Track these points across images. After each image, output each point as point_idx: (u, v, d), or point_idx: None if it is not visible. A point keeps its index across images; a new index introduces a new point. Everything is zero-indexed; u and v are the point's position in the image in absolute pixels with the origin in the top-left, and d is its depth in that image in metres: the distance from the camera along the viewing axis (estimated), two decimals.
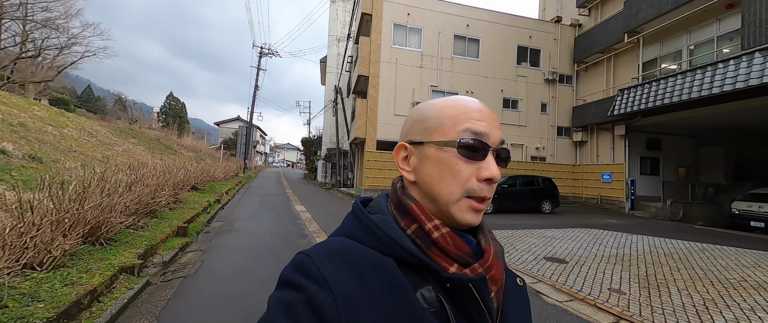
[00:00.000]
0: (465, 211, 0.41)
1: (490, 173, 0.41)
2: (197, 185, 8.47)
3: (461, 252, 0.41)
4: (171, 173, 6.18)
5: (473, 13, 13.80)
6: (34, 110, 9.25)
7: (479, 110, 0.44)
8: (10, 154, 5.45)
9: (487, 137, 0.42)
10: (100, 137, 11.28)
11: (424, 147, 0.44)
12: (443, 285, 0.39)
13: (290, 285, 0.36)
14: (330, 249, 0.38)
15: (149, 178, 4.69)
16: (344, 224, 0.45)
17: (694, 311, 2.90)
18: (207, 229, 5.41)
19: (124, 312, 2.46)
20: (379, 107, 12.48)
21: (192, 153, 20.66)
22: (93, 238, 3.07)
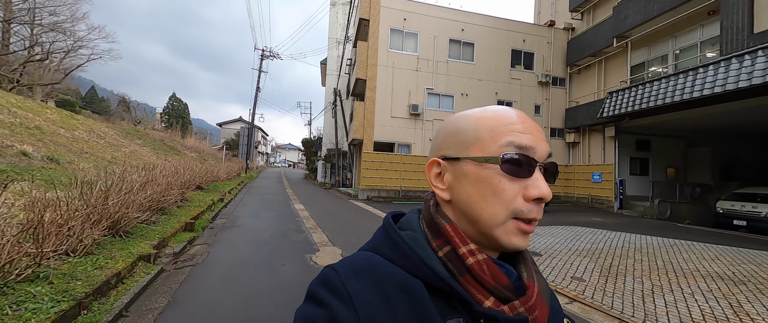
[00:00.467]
0: (512, 234, 0.38)
1: (539, 192, 0.37)
2: (202, 184, 8.93)
3: (500, 284, 0.37)
4: (178, 174, 6.64)
5: (468, 18, 14.21)
6: (46, 113, 9.73)
7: (522, 121, 0.40)
8: (31, 156, 5.92)
9: (533, 152, 0.38)
10: (108, 139, 11.76)
11: (461, 163, 0.40)
12: (476, 320, 0.35)
13: (316, 299, 0.35)
14: (357, 265, 0.37)
15: (160, 178, 5.14)
16: (374, 239, 0.43)
17: (641, 295, 3.31)
18: (212, 225, 5.85)
19: (144, 291, 2.90)
20: (377, 110, 12.91)
21: (195, 154, 21.15)
22: (114, 231, 3.51)
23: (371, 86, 12.92)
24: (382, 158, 12.52)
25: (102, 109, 42.13)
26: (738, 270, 4.28)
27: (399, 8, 13.32)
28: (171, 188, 5.33)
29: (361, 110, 12.99)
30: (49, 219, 2.61)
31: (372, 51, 12.93)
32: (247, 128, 23.70)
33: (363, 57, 13.07)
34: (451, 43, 13.88)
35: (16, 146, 5.94)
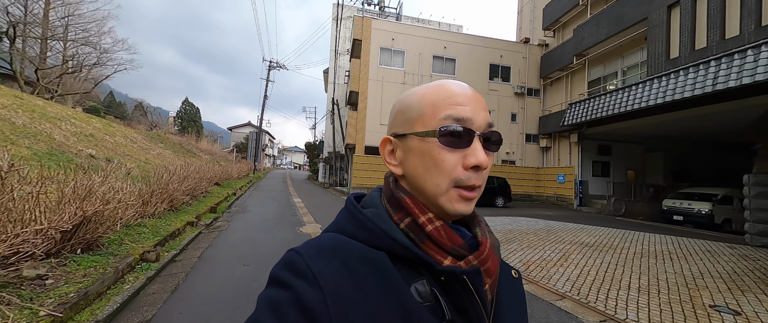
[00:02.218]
0: (455, 201, 0.40)
1: (476, 160, 0.39)
2: (219, 181, 10.90)
3: (455, 244, 0.40)
4: (203, 172, 8.59)
5: (450, 37, 16.02)
6: (93, 122, 11.85)
7: (462, 93, 0.41)
8: (96, 157, 7.92)
9: (470, 123, 0.40)
10: (139, 143, 13.87)
11: (407, 139, 0.42)
12: (438, 279, 0.38)
13: (279, 282, 0.35)
14: (321, 245, 0.38)
15: (193, 174, 7.07)
16: (337, 220, 0.44)
17: (515, 253, 5.04)
18: (229, 210, 7.75)
19: (194, 241, 4.77)
20: (368, 118, 14.77)
21: (208, 156, 23.32)
22: (171, 206, 5.42)
23: (363, 98, 14.80)
24: (371, 161, 14.36)
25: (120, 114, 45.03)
26: (598, 240, 5.97)
27: (388, 29, 15.21)
28: (201, 182, 7.25)
29: (354, 119, 14.87)
30: (143, 194, 4.53)
31: (364, 67, 14.83)
32: (255, 132, 25.85)
33: (356, 72, 14.98)
34: (435, 59, 15.70)
35: (85, 151, 7.95)
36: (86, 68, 24.63)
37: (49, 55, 22.81)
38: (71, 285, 2.43)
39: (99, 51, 24.88)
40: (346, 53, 21.34)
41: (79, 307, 2.26)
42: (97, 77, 26.29)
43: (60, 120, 9.13)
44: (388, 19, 18.99)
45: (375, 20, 15.28)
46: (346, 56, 21.73)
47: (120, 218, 3.50)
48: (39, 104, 9.64)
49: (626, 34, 11.13)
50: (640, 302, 3.10)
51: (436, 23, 26.62)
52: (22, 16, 19.63)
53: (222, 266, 3.74)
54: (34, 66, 20.67)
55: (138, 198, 4.15)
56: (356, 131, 14.68)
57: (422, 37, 15.63)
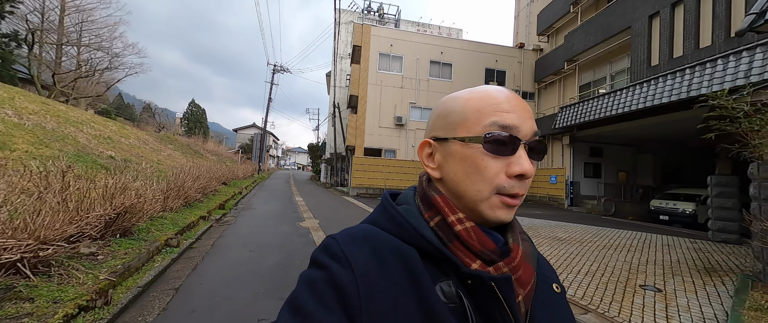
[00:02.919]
0: (496, 208, 0.40)
1: (521, 169, 0.39)
2: (226, 181, 11.61)
3: (486, 248, 0.39)
4: (212, 172, 9.30)
5: (447, 43, 16.62)
6: (109, 126, 12.65)
7: (507, 100, 0.41)
8: (115, 158, 8.66)
9: (517, 130, 0.40)
10: (150, 145, 14.66)
11: (448, 144, 0.42)
12: (464, 282, 0.38)
13: (317, 263, 0.38)
14: (355, 234, 0.40)
15: (205, 174, 7.76)
16: (372, 213, 0.46)
17: None
18: (236, 208, 8.43)
19: (207, 232, 5.44)
20: (367, 121, 15.42)
21: (215, 157, 24.15)
22: (186, 202, 6.10)
23: (362, 101, 15.45)
24: (370, 162, 15.00)
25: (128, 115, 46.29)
26: (570, 236, 6.53)
27: (386, 36, 15.86)
28: (211, 181, 7.94)
29: (354, 121, 15.54)
30: (164, 192, 5.22)
31: (363, 72, 15.49)
32: (259, 134, 26.65)
33: (356, 77, 15.64)
34: (432, 64, 16.30)
35: (105, 152, 8.70)
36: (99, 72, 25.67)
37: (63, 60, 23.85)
38: (117, 260, 3.09)
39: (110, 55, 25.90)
40: (348, 57, 22.04)
41: (125, 276, 2.93)
42: (109, 81, 27.35)
43: (81, 124, 9.90)
44: (387, 26, 19.66)
45: (374, 27, 15.94)
46: (348, 60, 22.44)
47: (148, 211, 4.17)
48: (62, 109, 10.44)
49: (613, 41, 11.64)
50: (583, 283, 3.69)
51: (436, 27, 27.21)
52: (40, 23, 20.63)
53: (231, 251, 4.39)
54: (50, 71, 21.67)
55: (161, 195, 4.83)
56: (356, 133, 15.33)
57: (419, 43, 16.25)
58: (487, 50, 17.02)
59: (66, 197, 2.81)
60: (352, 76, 15.89)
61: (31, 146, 5.97)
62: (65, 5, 22.13)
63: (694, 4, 8.68)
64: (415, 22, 26.67)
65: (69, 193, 2.85)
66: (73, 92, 23.64)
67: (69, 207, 2.77)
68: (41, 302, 2.15)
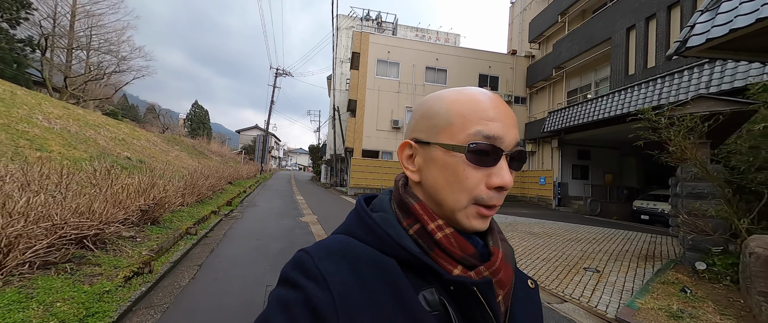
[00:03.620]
0: (472, 217, 0.40)
1: (501, 181, 0.38)
2: (231, 180, 12.37)
3: (466, 253, 0.39)
4: (222, 172, 10.06)
5: (442, 49, 17.36)
6: (122, 128, 13.44)
7: (494, 108, 0.40)
8: (131, 159, 9.42)
9: (500, 141, 0.39)
10: (159, 146, 15.44)
11: (431, 148, 0.41)
12: (447, 288, 0.38)
13: (289, 282, 0.36)
14: (330, 247, 0.38)
15: (215, 173, 8.51)
16: (346, 222, 0.44)
17: None
18: (241, 205, 9.17)
19: (218, 225, 6.17)
20: (365, 124, 16.16)
21: (219, 157, 24.94)
22: (198, 199, 6.85)
23: (361, 105, 16.20)
24: (368, 163, 15.73)
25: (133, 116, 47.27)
26: (544, 230, 7.23)
27: (384, 43, 16.62)
28: (219, 181, 8.69)
29: (352, 124, 16.28)
30: (183, 188, 5.96)
31: (362, 78, 16.25)
32: (262, 135, 27.44)
33: (355, 82, 16.41)
34: (427, 69, 17.05)
35: (122, 153, 9.46)
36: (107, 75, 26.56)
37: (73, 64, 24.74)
38: (151, 242, 3.83)
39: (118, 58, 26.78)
40: (348, 61, 22.81)
41: (159, 254, 3.66)
42: (117, 83, 28.24)
43: (99, 127, 10.68)
44: (384, 33, 20.44)
45: (372, 35, 16.71)
46: (348, 64, 23.21)
47: (170, 205, 4.91)
48: (80, 113, 11.22)
49: (596, 50, 12.34)
50: (538, 266, 4.39)
51: (435, 32, 27.98)
52: (51, 29, 21.50)
53: (241, 240, 5.13)
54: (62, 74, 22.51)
55: (180, 191, 5.57)
56: (354, 135, 16.08)
57: (416, 49, 17.00)
58: (481, 57, 17.75)
59: (117, 190, 3.55)
60: (352, 81, 16.65)
61: (62, 147, 6.72)
62: (76, 10, 22.99)
63: (665, 19, 9.39)
64: (413, 27, 27.44)
65: (119, 187, 3.59)
66: (84, 94, 24.53)
67: (118, 199, 3.51)
68: (106, 267, 2.88)
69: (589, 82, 13.75)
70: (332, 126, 21.42)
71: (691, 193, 4.26)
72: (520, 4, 19.82)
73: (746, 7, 3.52)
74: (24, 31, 20.06)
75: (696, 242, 4.05)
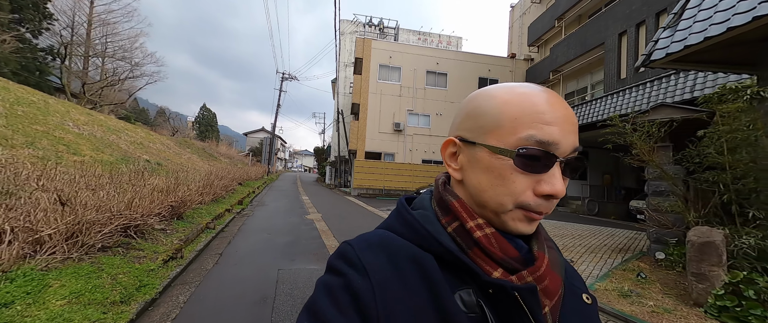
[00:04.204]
0: (518, 220, 0.38)
1: (551, 189, 0.36)
2: (241, 181, 13.06)
3: (508, 256, 0.37)
4: (233, 174, 10.74)
5: (442, 54, 17.88)
6: (138, 132, 14.25)
7: (551, 110, 0.36)
8: (150, 161, 10.14)
9: (555, 147, 0.36)
10: (173, 149, 16.24)
11: (476, 148, 0.39)
12: (485, 291, 0.36)
13: (333, 270, 0.38)
14: (370, 240, 0.39)
15: (227, 175, 9.18)
16: (388, 219, 0.45)
17: None
18: (251, 204, 9.81)
19: (232, 221, 6.79)
20: (368, 127, 16.74)
21: (227, 159, 25.78)
22: (213, 198, 7.50)
23: (364, 109, 16.80)
24: (370, 164, 16.30)
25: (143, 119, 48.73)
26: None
27: (386, 49, 17.21)
28: (231, 182, 9.35)
29: (355, 127, 16.88)
30: (201, 188, 6.61)
31: (365, 82, 16.85)
32: (269, 138, 28.24)
33: (358, 87, 17.02)
34: (428, 73, 17.58)
35: (142, 156, 10.19)
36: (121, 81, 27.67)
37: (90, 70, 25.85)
38: (179, 233, 4.45)
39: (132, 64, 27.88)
40: (351, 65, 23.46)
41: (186, 244, 4.27)
42: (131, 89, 29.38)
43: (119, 132, 11.46)
44: (386, 39, 21.04)
45: (375, 41, 17.32)
46: (352, 68, 23.87)
47: (192, 203, 5.54)
48: (102, 119, 12.02)
49: (590, 55, 12.74)
50: None
51: (437, 35, 28.48)
52: (70, 38, 22.61)
53: (254, 234, 5.73)
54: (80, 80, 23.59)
55: (199, 190, 6.21)
56: (357, 138, 16.67)
57: (417, 54, 17.55)
58: (480, 61, 18.22)
59: (151, 189, 4.17)
60: (355, 86, 17.26)
61: (92, 151, 7.43)
62: (92, 19, 24.08)
63: (653, 25, 9.78)
64: (416, 31, 28.00)
65: (152, 186, 4.22)
66: (100, 99, 25.63)
67: (153, 196, 4.13)
68: (148, 251, 3.49)
69: (586, 85, 14.13)
70: (336, 129, 22.08)
71: (654, 191, 4.73)
72: (519, 8, 20.25)
73: (698, 27, 4.03)
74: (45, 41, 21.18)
75: (659, 234, 4.51)
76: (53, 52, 21.07)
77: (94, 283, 2.44)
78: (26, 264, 2.35)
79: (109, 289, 2.47)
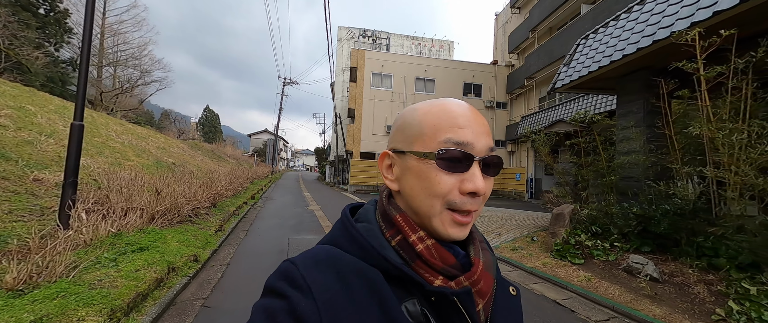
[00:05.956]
0: (448, 225, 0.41)
1: (473, 186, 0.39)
2: (251, 180, 14.93)
3: (447, 264, 0.40)
4: (247, 174, 12.60)
5: (430, 62, 19.61)
6: (159, 138, 16.10)
7: (464, 115, 0.41)
8: (175, 163, 11.98)
9: (471, 147, 0.40)
10: (187, 152, 18.10)
11: (406, 157, 0.43)
12: (428, 299, 0.39)
13: (274, 292, 0.37)
14: (317, 256, 0.39)
15: (242, 175, 11.02)
16: (332, 232, 0.45)
17: None
18: (261, 199, 11.66)
19: (250, 211, 8.63)
20: (362, 129, 18.53)
21: (234, 160, 27.67)
22: (233, 193, 9.35)
23: (359, 113, 18.58)
24: (365, 164, 18.12)
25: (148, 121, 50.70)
26: (494, 214, 9.48)
27: (378, 58, 18.96)
28: (245, 181, 11.21)
29: (351, 130, 18.69)
30: (227, 185, 8.47)
31: (359, 89, 18.62)
32: (272, 140, 30.09)
33: (353, 93, 18.80)
34: (417, 80, 19.32)
35: (168, 160, 12.04)
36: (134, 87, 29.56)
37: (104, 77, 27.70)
38: (217, 217, 6.29)
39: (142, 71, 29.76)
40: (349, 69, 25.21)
41: (224, 223, 6.12)
42: (142, 95, 31.28)
43: (146, 138, 13.31)
44: (379, 49, 22.74)
45: (368, 51, 19.07)
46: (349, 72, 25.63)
47: (222, 196, 7.38)
48: (130, 127, 13.87)
49: (555, 65, 14.44)
50: None
51: (430, 40, 30.14)
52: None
53: (268, 219, 7.57)
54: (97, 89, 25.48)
55: (225, 187, 8.05)
56: (353, 140, 18.48)
57: (406, 62, 19.29)
58: (465, 67, 19.93)
59: (199, 185, 6.01)
60: (350, 92, 19.04)
61: (136, 157, 9.26)
62: (104, 30, 25.99)
63: None
64: (409, 36, 29.67)
65: (199, 184, 6.05)
66: (115, 106, 27.54)
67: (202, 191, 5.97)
68: (204, 225, 5.33)
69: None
70: (334, 131, 23.91)
71: (556, 182, 6.51)
72: (502, 16, 21.89)
73: (580, 66, 5.86)
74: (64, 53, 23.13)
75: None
76: (73, 63, 23.03)
77: (187, 236, 4.27)
78: (150, 226, 4.18)
79: (194, 241, 4.30)
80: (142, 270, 2.99)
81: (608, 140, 5.50)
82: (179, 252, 3.73)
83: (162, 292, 2.92)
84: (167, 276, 3.18)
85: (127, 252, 3.32)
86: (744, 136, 2.95)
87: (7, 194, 3.76)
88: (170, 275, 3.25)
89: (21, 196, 3.90)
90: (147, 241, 3.70)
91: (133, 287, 2.66)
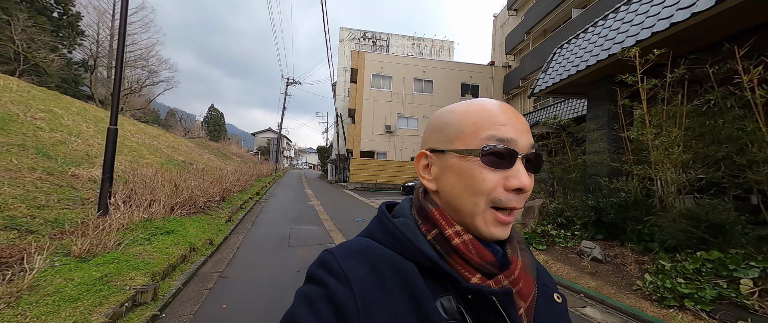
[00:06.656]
0: (491, 224, 0.40)
1: (519, 183, 0.39)
2: (256, 178, 15.68)
3: (485, 261, 0.39)
4: (252, 171, 13.34)
5: (428, 63, 20.17)
6: (169, 137, 16.89)
7: (504, 113, 0.41)
8: (185, 161, 12.73)
9: (514, 143, 0.40)
10: (195, 151, 18.90)
11: (446, 156, 0.42)
12: (464, 297, 0.38)
13: (314, 280, 0.38)
14: (352, 248, 0.40)
15: (248, 173, 11.75)
16: (369, 226, 0.46)
17: None
18: (266, 195, 12.38)
19: (256, 205, 9.34)
20: (362, 129, 19.18)
21: (239, 158, 28.49)
22: (240, 189, 10.07)
23: (359, 113, 19.23)
24: (365, 162, 18.78)
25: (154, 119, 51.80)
26: None
27: (378, 60, 19.57)
28: (251, 178, 11.95)
29: (352, 129, 19.35)
30: (235, 181, 9.20)
31: (359, 90, 19.26)
32: (276, 139, 30.88)
33: (353, 94, 19.45)
34: (416, 81, 19.90)
35: (178, 158, 12.79)
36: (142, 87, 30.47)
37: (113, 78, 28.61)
38: (227, 209, 6.99)
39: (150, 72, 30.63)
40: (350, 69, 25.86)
41: (232, 216, 6.82)
42: (150, 95, 32.22)
43: (157, 137, 14.08)
44: (378, 50, 23.32)
45: (368, 53, 19.69)
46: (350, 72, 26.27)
47: (230, 191, 8.09)
48: (142, 126, 14.66)
49: None
50: None
51: (430, 40, 30.64)
52: (96, 51, 25.46)
53: (272, 212, 8.26)
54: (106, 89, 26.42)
55: (233, 183, 8.76)
56: (354, 139, 19.15)
57: (405, 64, 19.88)
58: (463, 68, 20.47)
59: (211, 181, 6.71)
60: (351, 93, 19.68)
61: (150, 155, 10.00)
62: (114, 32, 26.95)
63: None
64: (410, 36, 30.19)
65: (210, 180, 6.75)
66: (125, 105, 28.46)
67: (214, 185, 6.67)
68: (216, 216, 6.03)
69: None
70: (336, 130, 24.59)
71: (539, 178, 7.12)
72: (500, 18, 22.37)
73: (555, 73, 6.46)
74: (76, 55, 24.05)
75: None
76: (85, 64, 23.95)
77: (202, 224, 4.97)
78: (171, 215, 4.87)
79: (209, 228, 5.00)
80: (171, 247, 3.67)
81: (576, 141, 6.08)
82: (198, 236, 4.42)
83: (186, 266, 3.61)
84: (190, 254, 3.87)
85: (156, 234, 4.01)
86: (665, 139, 3.54)
87: (54, 188, 4.48)
88: (192, 253, 3.93)
89: (64, 189, 4.61)
90: (171, 226, 4.40)
91: (166, 260, 3.35)
